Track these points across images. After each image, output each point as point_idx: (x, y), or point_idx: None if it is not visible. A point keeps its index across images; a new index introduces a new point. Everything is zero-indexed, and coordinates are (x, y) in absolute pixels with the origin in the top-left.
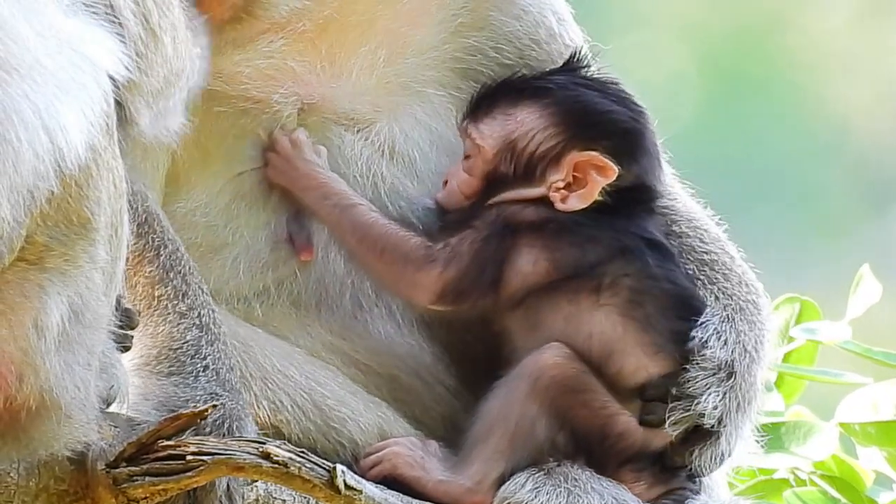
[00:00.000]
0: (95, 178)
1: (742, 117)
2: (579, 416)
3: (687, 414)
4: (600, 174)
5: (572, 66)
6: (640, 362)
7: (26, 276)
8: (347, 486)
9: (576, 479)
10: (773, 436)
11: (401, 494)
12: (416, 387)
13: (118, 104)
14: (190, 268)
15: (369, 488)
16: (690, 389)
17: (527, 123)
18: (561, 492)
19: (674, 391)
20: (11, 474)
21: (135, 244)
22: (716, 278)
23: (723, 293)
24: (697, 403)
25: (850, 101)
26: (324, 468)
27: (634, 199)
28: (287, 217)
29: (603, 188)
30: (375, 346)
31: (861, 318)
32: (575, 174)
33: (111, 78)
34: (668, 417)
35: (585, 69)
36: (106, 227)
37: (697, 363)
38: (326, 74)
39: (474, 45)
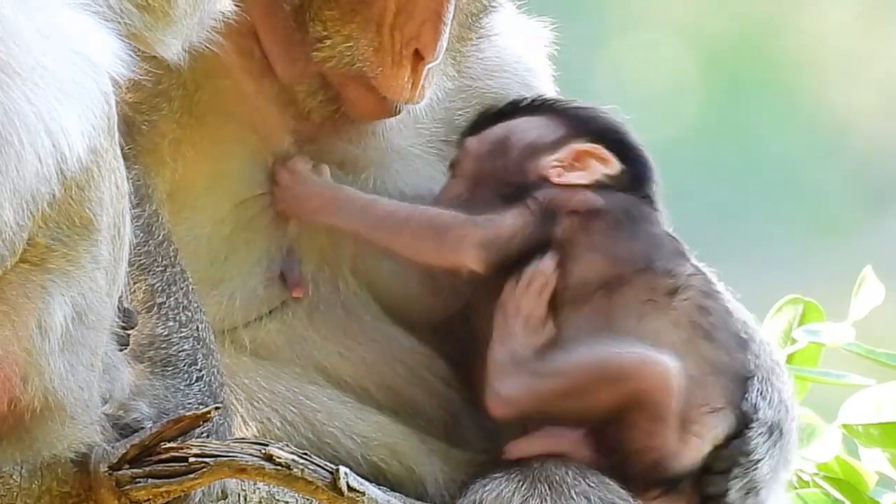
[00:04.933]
0: (97, 180)
1: (743, 118)
2: (629, 433)
3: (745, 481)
4: (601, 164)
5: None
6: (700, 376)
7: (28, 278)
8: (350, 488)
9: (560, 486)
10: None
11: (404, 497)
12: (417, 397)
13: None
14: (192, 288)
15: (372, 490)
16: (752, 455)
17: (526, 122)
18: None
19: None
20: (14, 476)
21: (144, 259)
22: None
23: (753, 355)
24: (755, 469)
25: (850, 101)
26: (326, 470)
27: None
28: (281, 255)
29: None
30: (372, 358)
31: (864, 320)
32: (574, 163)
33: (112, 78)
34: (731, 485)
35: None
36: (108, 228)
37: (754, 427)
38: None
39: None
